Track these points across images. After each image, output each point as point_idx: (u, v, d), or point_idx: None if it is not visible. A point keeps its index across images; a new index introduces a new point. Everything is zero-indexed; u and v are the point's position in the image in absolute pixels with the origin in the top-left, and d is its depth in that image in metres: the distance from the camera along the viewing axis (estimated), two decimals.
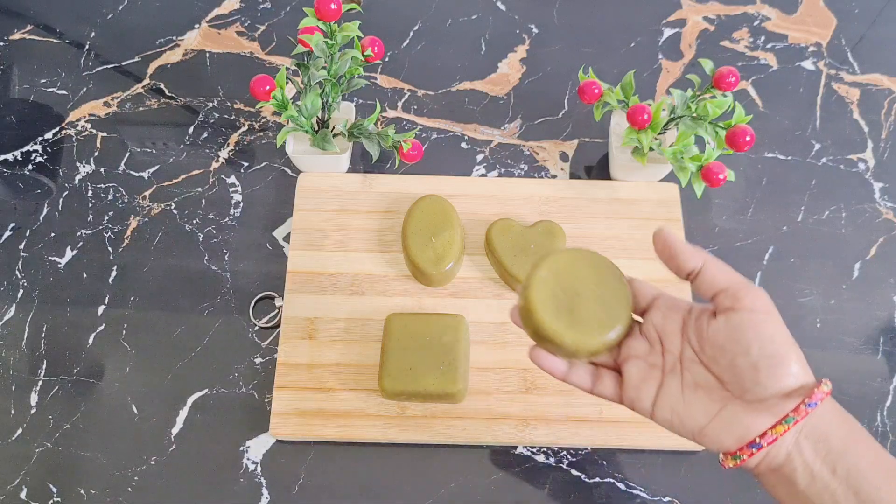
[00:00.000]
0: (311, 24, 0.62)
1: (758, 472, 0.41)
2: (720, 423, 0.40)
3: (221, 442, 0.63)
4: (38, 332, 0.67)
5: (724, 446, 0.41)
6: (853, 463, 0.38)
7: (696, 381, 0.42)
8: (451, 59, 0.82)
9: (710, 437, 0.41)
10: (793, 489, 0.39)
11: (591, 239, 0.70)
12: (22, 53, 0.82)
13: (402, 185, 0.72)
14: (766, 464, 0.40)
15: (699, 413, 0.41)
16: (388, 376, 0.60)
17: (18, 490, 0.61)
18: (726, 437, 0.40)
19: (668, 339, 0.43)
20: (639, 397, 0.43)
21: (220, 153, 0.76)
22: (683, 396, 0.42)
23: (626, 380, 0.44)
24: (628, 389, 0.44)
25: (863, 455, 0.38)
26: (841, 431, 0.39)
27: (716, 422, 0.40)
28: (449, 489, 0.62)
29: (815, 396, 0.38)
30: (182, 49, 0.82)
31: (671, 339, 0.43)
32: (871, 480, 0.38)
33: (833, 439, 0.38)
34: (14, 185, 0.75)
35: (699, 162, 0.64)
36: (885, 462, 0.39)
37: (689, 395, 0.41)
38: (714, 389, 0.41)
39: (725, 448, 0.41)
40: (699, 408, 0.41)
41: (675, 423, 0.42)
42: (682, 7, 0.86)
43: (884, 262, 0.71)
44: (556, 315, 0.43)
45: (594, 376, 0.45)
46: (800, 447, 0.39)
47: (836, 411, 0.40)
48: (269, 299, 0.69)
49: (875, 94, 0.80)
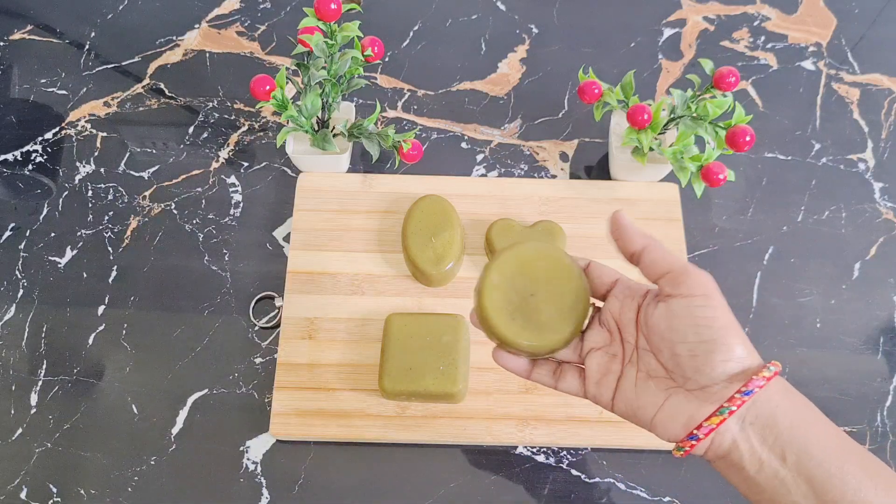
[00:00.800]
0: (311, 24, 0.62)
1: (708, 459, 0.40)
2: (666, 413, 0.40)
3: (221, 442, 0.63)
4: (38, 332, 0.67)
5: (672, 436, 0.40)
6: (804, 449, 0.37)
7: (647, 370, 0.41)
8: (451, 59, 0.82)
9: (660, 428, 0.40)
10: (743, 475, 0.39)
11: (591, 239, 0.70)
12: (22, 53, 0.82)
13: (402, 185, 0.72)
14: (712, 451, 0.39)
15: (648, 404, 0.40)
16: (388, 376, 0.60)
17: (18, 490, 0.61)
18: (673, 427, 0.40)
19: (625, 328, 0.43)
20: (599, 392, 0.43)
21: (220, 153, 0.76)
22: (636, 387, 0.41)
23: (587, 373, 0.43)
24: (590, 384, 0.43)
25: (815, 440, 0.37)
26: (790, 415, 0.38)
27: (662, 412, 0.40)
28: (449, 489, 0.62)
29: (753, 384, 0.37)
30: (182, 49, 0.82)
31: (628, 327, 0.42)
32: (824, 466, 0.36)
33: (781, 425, 0.37)
34: (14, 185, 0.75)
35: (699, 162, 0.64)
36: (838, 446, 0.37)
37: (641, 385, 0.41)
38: (662, 379, 0.40)
39: (675, 437, 0.40)
40: (648, 399, 0.40)
41: (630, 415, 0.42)
42: (682, 7, 0.86)
43: (884, 262, 0.71)
44: (510, 318, 0.43)
45: (556, 374, 0.45)
46: (746, 434, 0.38)
47: (785, 393, 0.38)
48: (269, 299, 0.69)
49: (875, 94, 0.80)
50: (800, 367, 0.67)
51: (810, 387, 0.66)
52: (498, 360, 0.45)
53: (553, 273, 0.44)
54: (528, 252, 0.44)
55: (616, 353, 0.43)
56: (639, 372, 0.41)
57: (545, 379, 0.45)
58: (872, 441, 0.64)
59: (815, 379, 0.66)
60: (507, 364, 0.45)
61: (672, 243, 0.69)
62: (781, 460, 0.37)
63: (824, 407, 0.64)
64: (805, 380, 0.66)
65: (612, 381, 0.42)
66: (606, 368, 0.43)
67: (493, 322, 0.43)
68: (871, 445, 0.64)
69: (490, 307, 0.43)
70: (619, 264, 0.45)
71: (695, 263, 0.70)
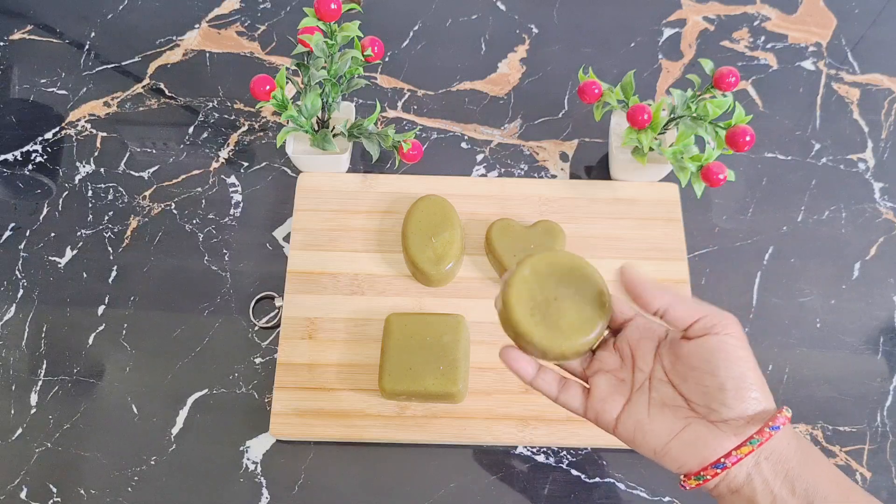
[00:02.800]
0: (311, 24, 0.62)
1: (717, 494, 0.42)
2: (683, 441, 0.41)
3: (221, 442, 0.63)
4: (38, 332, 0.67)
5: (685, 466, 0.41)
6: (811, 483, 0.39)
7: (662, 399, 0.43)
8: (451, 59, 0.82)
9: (672, 456, 0.42)
10: None
11: (591, 239, 0.70)
12: (22, 53, 0.82)
13: (402, 185, 0.72)
14: (725, 484, 0.41)
15: (663, 430, 0.42)
16: (388, 376, 0.60)
17: (18, 490, 0.61)
18: (689, 457, 0.41)
19: (641, 357, 0.44)
20: (604, 409, 0.44)
21: (220, 153, 0.76)
22: (649, 413, 0.43)
23: (593, 392, 0.45)
24: (594, 401, 0.44)
25: (820, 476, 0.40)
26: (799, 454, 0.40)
27: (678, 440, 0.41)
28: (449, 489, 0.62)
29: (778, 420, 0.39)
30: (182, 49, 0.82)
31: (644, 357, 0.44)
32: (829, 498, 0.39)
33: (792, 461, 0.40)
34: (14, 185, 0.75)
35: (699, 162, 0.64)
36: (841, 482, 0.40)
37: (655, 412, 0.42)
38: (680, 409, 0.42)
39: (687, 468, 0.41)
40: (663, 425, 0.42)
41: (636, 439, 0.43)
42: (682, 7, 0.86)
43: (884, 262, 0.71)
44: (529, 312, 0.44)
45: (560, 384, 0.46)
46: (760, 468, 0.40)
47: (792, 436, 0.41)
48: (269, 299, 0.69)
49: (875, 94, 0.80)
50: (800, 367, 0.67)
51: (810, 387, 0.66)
52: (506, 358, 0.46)
53: (581, 284, 0.45)
54: (563, 259, 0.46)
55: (625, 379, 0.44)
56: (651, 399, 0.43)
57: (548, 387, 0.46)
58: (872, 441, 0.64)
59: (815, 379, 0.66)
60: (514, 364, 0.46)
61: (672, 243, 0.69)
62: (792, 493, 0.39)
63: (824, 407, 0.65)
64: (805, 380, 0.66)
65: (618, 403, 0.44)
66: (614, 390, 0.44)
67: (512, 311, 0.44)
68: (871, 445, 0.64)
69: (514, 296, 0.45)
70: (619, 264, 0.45)
71: (695, 263, 0.70)
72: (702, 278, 0.70)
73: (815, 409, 0.65)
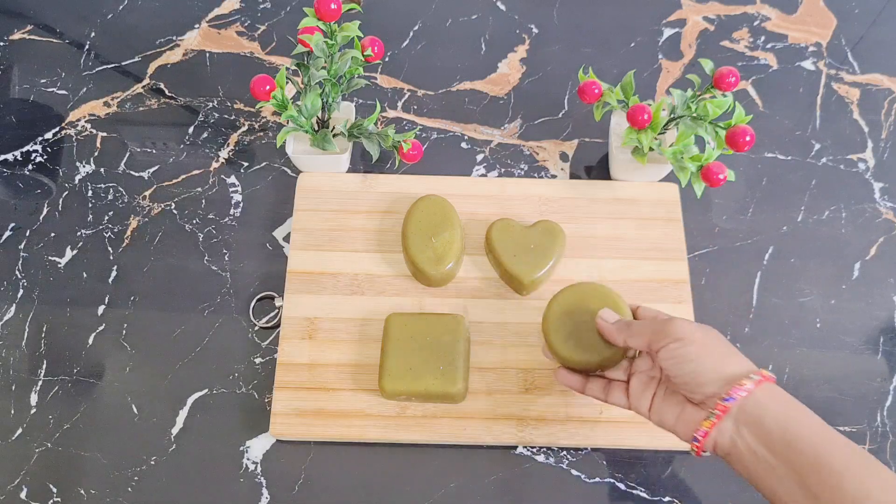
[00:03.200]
0: (311, 24, 0.62)
1: (721, 456, 0.49)
2: (682, 421, 0.51)
3: (221, 442, 0.63)
4: (38, 332, 0.67)
5: (687, 438, 0.50)
6: (788, 443, 0.45)
7: (670, 389, 0.53)
8: (451, 59, 0.82)
9: (679, 432, 0.51)
10: (746, 468, 0.47)
11: (591, 239, 0.70)
12: (22, 53, 0.82)
13: (402, 185, 0.72)
14: (720, 449, 0.48)
15: (670, 413, 0.52)
16: (388, 376, 0.60)
17: (18, 490, 0.61)
18: (684, 433, 0.51)
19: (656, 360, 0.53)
20: (640, 404, 0.54)
21: (220, 153, 0.76)
22: (664, 401, 0.53)
23: (630, 390, 0.55)
24: (633, 398, 0.55)
25: (798, 435, 0.45)
26: (775, 414, 0.46)
27: (679, 420, 0.51)
28: (449, 489, 0.62)
29: (734, 392, 0.47)
30: (182, 49, 0.82)
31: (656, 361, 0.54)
32: (805, 455, 0.44)
33: (767, 422, 0.45)
34: (14, 185, 0.75)
35: (699, 162, 0.64)
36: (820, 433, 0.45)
37: (667, 399, 0.53)
38: (679, 395, 0.52)
39: (688, 439, 0.50)
40: (671, 409, 0.52)
41: (662, 423, 0.53)
42: (681, 7, 0.86)
43: (884, 262, 0.71)
44: (564, 340, 0.57)
45: (606, 389, 0.56)
46: (741, 433, 0.47)
47: (772, 395, 0.47)
48: (269, 299, 0.69)
49: (875, 94, 0.80)
50: (800, 367, 0.67)
51: (810, 387, 0.66)
52: (559, 379, 0.58)
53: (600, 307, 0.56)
54: (582, 289, 0.58)
55: (655, 376, 0.55)
56: (666, 390, 0.53)
57: (597, 393, 0.57)
58: (872, 441, 0.64)
59: (815, 379, 0.66)
60: (565, 380, 0.58)
61: (672, 243, 0.69)
62: (772, 453, 0.45)
63: (824, 407, 0.65)
64: (805, 380, 0.66)
65: (648, 397, 0.54)
66: (644, 387, 0.54)
67: (551, 344, 0.57)
68: (871, 445, 0.64)
69: (550, 332, 0.57)
70: (620, 264, 0.46)
71: (695, 263, 0.70)
72: (702, 278, 0.70)
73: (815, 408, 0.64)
